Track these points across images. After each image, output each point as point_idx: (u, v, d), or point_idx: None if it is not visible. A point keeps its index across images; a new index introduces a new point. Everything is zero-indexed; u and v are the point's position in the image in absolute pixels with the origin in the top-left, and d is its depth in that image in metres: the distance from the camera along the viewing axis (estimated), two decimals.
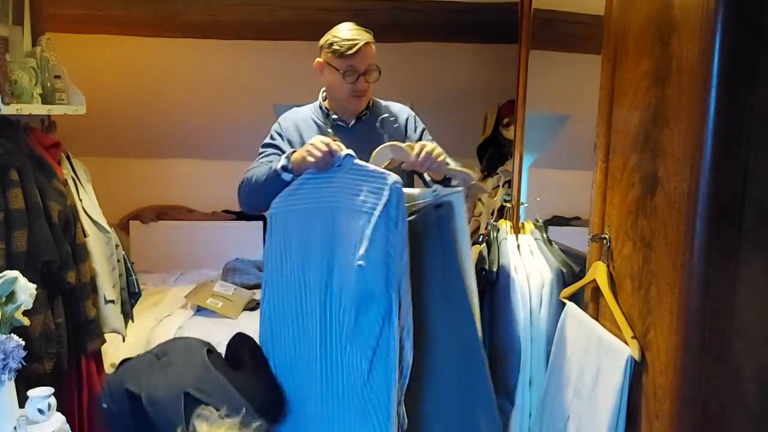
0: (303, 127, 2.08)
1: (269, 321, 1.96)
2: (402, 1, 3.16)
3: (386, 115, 2.10)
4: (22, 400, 1.81)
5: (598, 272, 1.69)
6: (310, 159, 1.77)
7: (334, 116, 2.08)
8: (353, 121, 2.08)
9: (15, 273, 1.82)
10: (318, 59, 2.04)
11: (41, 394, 1.79)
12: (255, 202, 1.98)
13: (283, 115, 2.16)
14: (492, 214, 3.06)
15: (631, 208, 1.55)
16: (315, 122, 2.09)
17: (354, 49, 1.94)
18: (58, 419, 1.82)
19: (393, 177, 1.71)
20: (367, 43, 1.97)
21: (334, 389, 1.83)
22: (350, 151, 1.78)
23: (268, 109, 3.93)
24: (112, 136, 3.55)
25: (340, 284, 1.78)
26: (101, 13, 3.14)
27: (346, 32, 1.98)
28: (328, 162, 1.77)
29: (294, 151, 1.88)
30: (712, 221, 1.27)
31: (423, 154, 1.82)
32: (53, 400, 1.81)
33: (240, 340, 1.95)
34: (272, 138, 2.10)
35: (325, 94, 2.13)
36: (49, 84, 2.35)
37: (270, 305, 1.95)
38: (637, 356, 1.48)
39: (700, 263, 1.28)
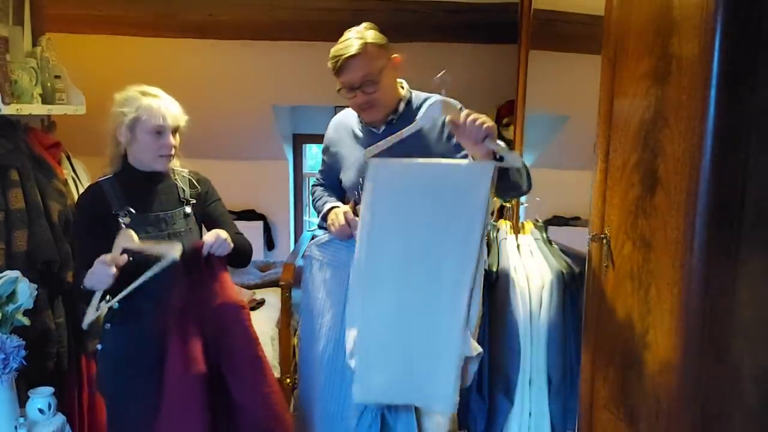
0: (343, 135, 2.06)
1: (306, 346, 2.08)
2: (402, 1, 3.15)
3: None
4: (23, 400, 1.81)
5: None
6: (332, 229, 1.93)
7: (366, 122, 1.98)
8: (383, 127, 1.96)
9: (15, 273, 1.82)
10: None
11: (41, 394, 1.80)
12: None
13: (333, 118, 2.14)
14: (492, 214, 3.06)
15: (631, 208, 1.55)
16: (352, 129, 2.04)
17: (338, 66, 1.82)
18: (58, 419, 1.82)
19: None
20: (352, 56, 1.80)
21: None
22: None
23: (267, 110, 3.93)
24: None
25: (344, 345, 1.87)
26: (101, 13, 3.14)
27: (337, 45, 1.85)
28: (346, 234, 1.91)
29: (331, 209, 1.99)
30: (712, 221, 1.27)
31: (470, 119, 1.65)
32: (53, 400, 1.81)
33: None
34: (323, 150, 2.15)
35: None
36: (49, 84, 2.35)
37: (305, 333, 2.08)
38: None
39: (700, 263, 1.28)
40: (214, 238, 1.80)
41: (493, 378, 2.16)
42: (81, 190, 2.43)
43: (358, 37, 1.83)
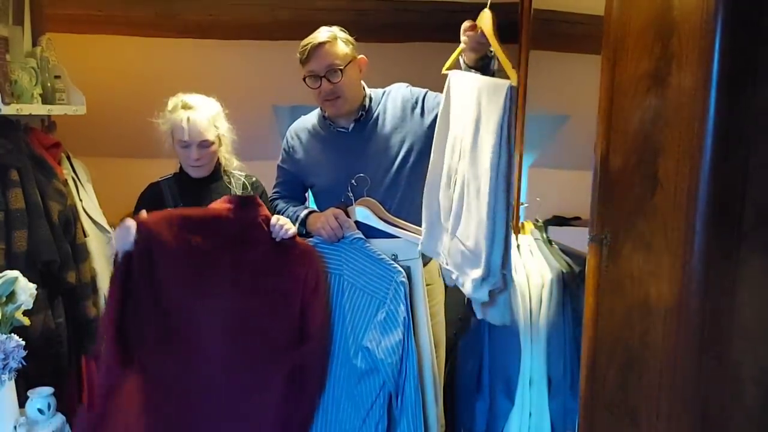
0: (306, 141, 2.09)
1: None
2: (402, 1, 3.15)
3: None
4: (22, 400, 1.81)
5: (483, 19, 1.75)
6: (323, 233, 1.91)
7: (332, 123, 2.05)
8: (352, 125, 2.02)
9: (15, 273, 1.82)
10: None
11: (41, 394, 1.80)
12: None
13: (290, 128, 2.16)
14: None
15: (631, 209, 1.55)
16: (318, 132, 2.07)
17: (306, 53, 1.90)
18: (58, 419, 1.82)
19: (400, 272, 1.84)
20: (320, 44, 1.89)
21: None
22: (360, 234, 1.90)
23: (268, 110, 3.93)
24: (112, 136, 3.55)
25: (345, 348, 1.92)
26: (101, 13, 3.14)
27: (306, 38, 1.93)
28: (338, 237, 1.92)
29: (311, 213, 2.00)
30: (712, 221, 1.27)
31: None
32: (53, 400, 1.81)
33: None
34: (282, 160, 2.17)
35: None
36: (49, 84, 2.35)
37: None
38: (515, 83, 1.54)
39: (700, 263, 1.28)
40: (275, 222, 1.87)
41: (493, 378, 2.16)
42: (81, 191, 2.43)
43: (327, 30, 1.94)
